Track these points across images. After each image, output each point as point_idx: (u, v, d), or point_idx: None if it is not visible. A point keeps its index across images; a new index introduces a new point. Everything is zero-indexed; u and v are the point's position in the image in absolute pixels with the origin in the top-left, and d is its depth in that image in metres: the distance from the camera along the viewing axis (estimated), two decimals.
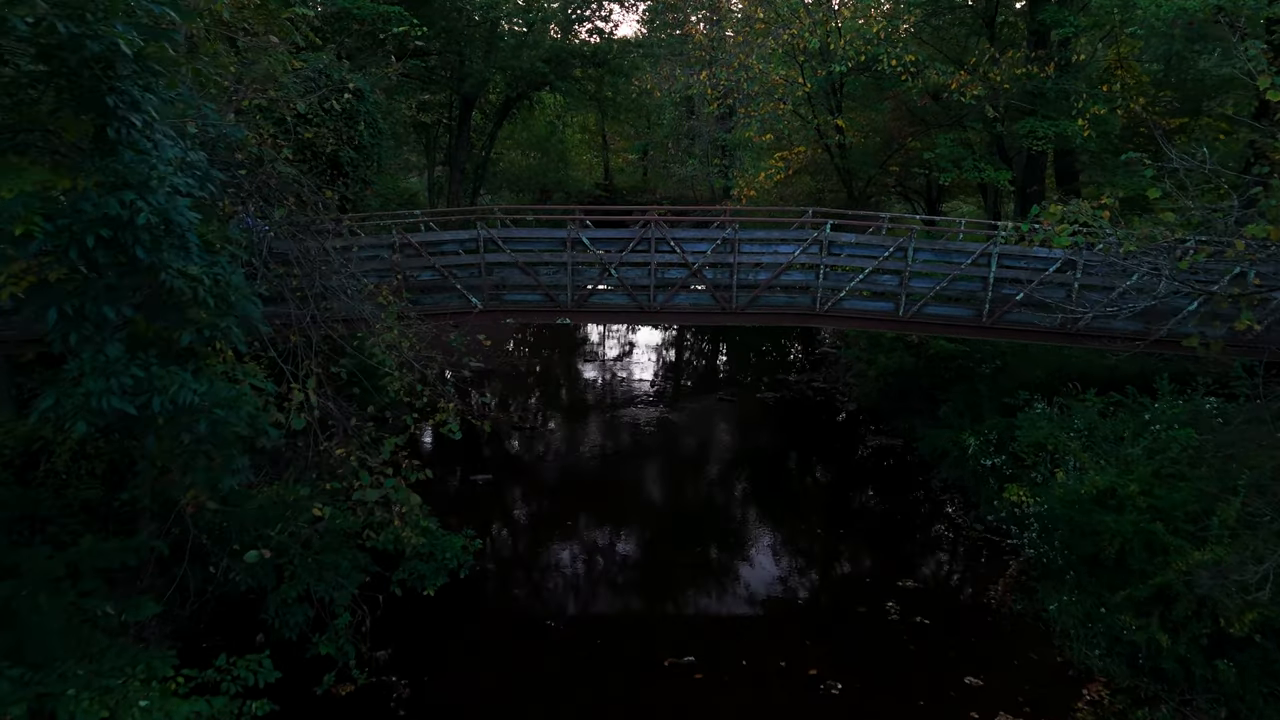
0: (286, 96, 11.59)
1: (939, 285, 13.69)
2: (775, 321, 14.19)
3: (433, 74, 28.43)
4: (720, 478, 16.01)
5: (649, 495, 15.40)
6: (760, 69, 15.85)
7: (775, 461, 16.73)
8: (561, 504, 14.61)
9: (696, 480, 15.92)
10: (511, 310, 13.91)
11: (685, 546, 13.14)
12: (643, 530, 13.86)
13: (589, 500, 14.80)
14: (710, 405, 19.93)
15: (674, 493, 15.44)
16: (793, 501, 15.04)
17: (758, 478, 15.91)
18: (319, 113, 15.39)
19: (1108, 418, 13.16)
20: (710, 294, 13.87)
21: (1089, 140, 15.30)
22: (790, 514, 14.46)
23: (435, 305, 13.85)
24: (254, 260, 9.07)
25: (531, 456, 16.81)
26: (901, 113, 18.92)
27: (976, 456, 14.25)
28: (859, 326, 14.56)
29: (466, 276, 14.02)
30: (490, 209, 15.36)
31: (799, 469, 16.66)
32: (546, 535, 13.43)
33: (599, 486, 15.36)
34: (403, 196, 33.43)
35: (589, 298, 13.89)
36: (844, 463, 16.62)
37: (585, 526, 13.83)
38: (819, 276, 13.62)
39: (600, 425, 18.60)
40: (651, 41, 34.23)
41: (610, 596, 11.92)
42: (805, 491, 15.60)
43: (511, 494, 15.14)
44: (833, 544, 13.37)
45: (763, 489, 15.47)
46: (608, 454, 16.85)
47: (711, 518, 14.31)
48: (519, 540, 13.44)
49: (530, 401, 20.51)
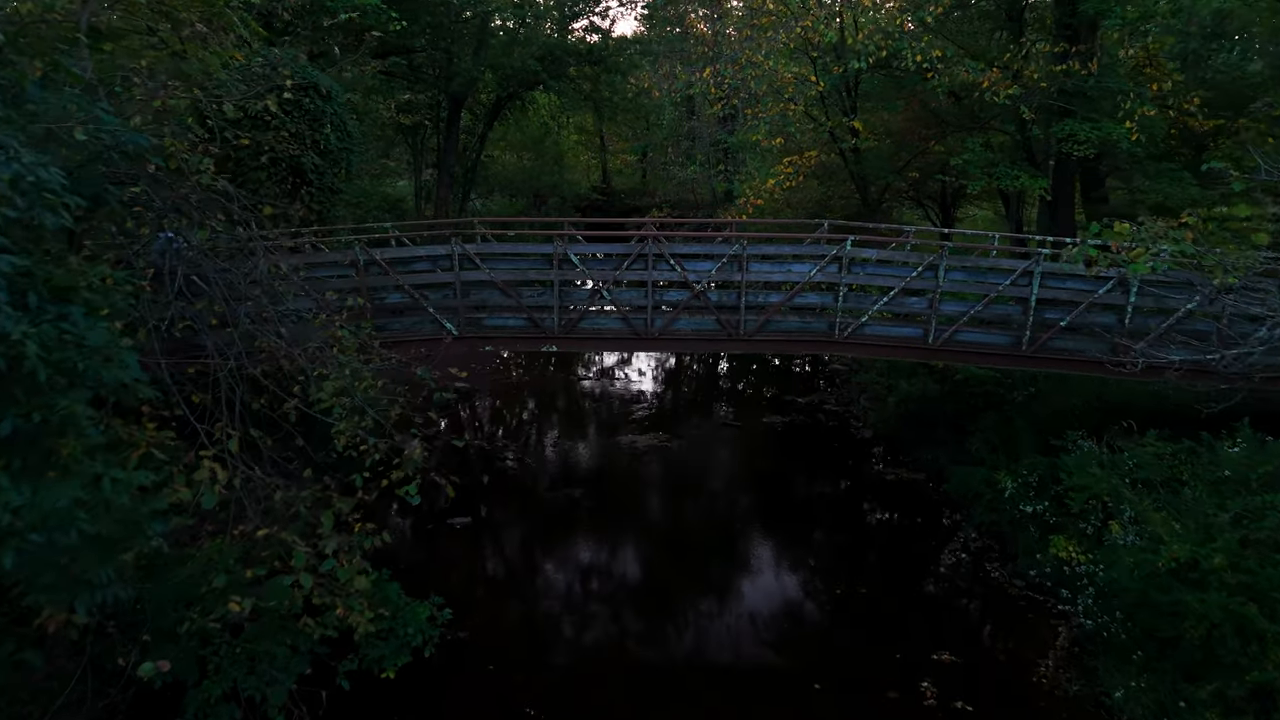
0: (224, 95, 10.03)
1: (973, 308, 12.13)
2: (788, 349, 12.63)
3: (418, 72, 26.86)
4: (724, 520, 14.42)
5: (646, 543, 13.81)
6: (770, 66, 14.33)
7: (785, 502, 15.14)
8: (548, 553, 13.04)
9: (698, 525, 14.32)
10: (491, 337, 12.33)
11: (685, 608, 11.57)
12: (639, 585, 12.30)
13: (579, 548, 13.24)
14: (712, 431, 18.35)
15: (673, 540, 13.83)
16: (806, 552, 13.47)
17: (766, 523, 14.32)
18: (279, 114, 13.84)
19: (1165, 459, 11.62)
20: (715, 318, 12.31)
21: (1136, 144, 13.72)
22: (804, 568, 12.90)
23: (404, 331, 12.29)
24: (165, 293, 7.50)
25: (516, 493, 15.22)
26: (920, 114, 17.36)
27: (1014, 500, 12.69)
28: (882, 355, 13.01)
29: (440, 298, 12.46)
30: (469, 221, 13.80)
31: (812, 511, 15.05)
32: (531, 593, 11.85)
33: (591, 533, 13.77)
34: (388, 202, 31.93)
35: (579, 322, 12.33)
36: (861, 502, 15.02)
37: (574, 581, 12.26)
38: (838, 299, 12.05)
39: (593, 456, 17.02)
40: (650, 39, 32.73)
41: (601, 672, 10.34)
42: (820, 538, 13.99)
43: (492, 542, 13.56)
44: (854, 605, 11.77)
45: (772, 537, 13.88)
46: (601, 491, 15.26)
47: (715, 571, 12.72)
48: (499, 601, 11.82)
49: (516, 426, 18.93)
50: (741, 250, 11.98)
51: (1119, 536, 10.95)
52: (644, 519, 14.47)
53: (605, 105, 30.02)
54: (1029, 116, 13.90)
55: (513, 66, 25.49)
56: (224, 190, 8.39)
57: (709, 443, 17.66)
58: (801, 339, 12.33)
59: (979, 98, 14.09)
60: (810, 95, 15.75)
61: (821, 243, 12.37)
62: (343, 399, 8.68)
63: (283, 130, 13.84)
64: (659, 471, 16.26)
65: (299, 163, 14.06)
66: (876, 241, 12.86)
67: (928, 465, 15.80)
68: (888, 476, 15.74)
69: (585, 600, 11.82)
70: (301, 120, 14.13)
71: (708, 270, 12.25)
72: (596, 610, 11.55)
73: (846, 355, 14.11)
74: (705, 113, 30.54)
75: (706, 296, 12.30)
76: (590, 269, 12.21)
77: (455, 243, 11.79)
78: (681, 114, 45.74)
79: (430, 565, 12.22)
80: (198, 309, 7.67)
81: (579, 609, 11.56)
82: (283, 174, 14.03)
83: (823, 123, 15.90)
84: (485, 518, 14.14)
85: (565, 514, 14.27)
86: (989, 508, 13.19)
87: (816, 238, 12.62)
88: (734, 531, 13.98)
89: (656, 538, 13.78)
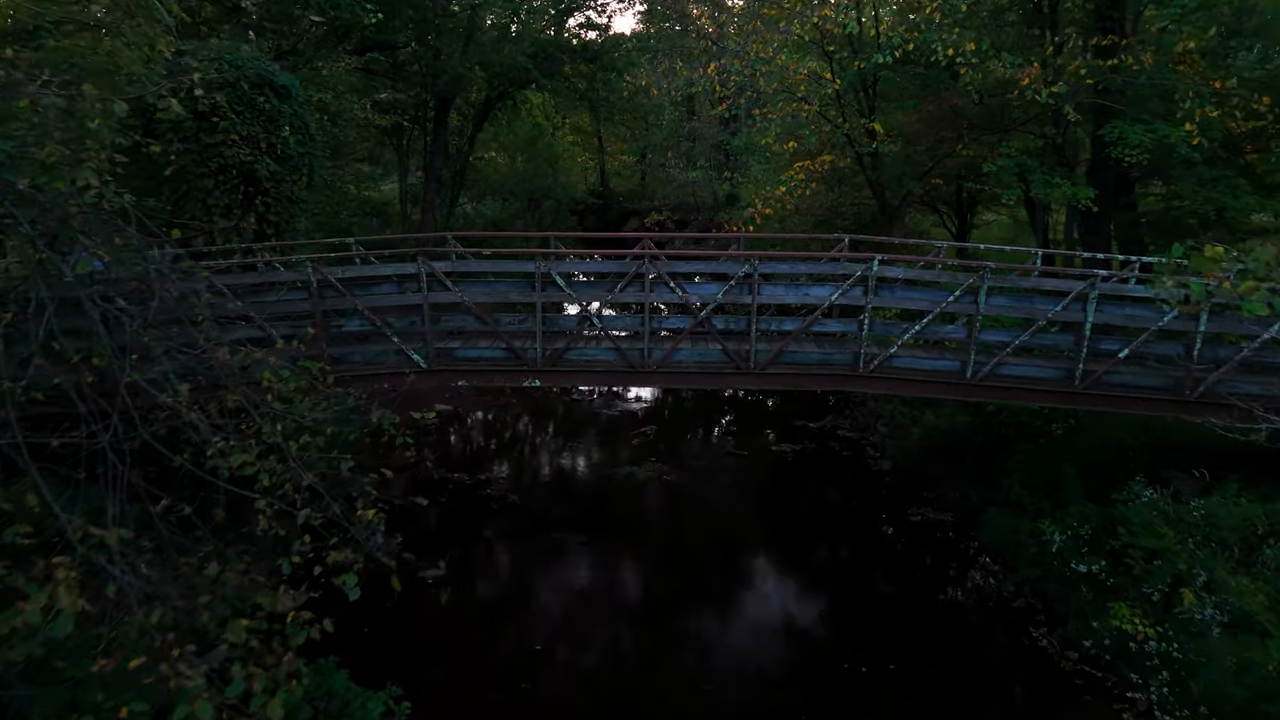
0: (137, 92, 8.46)
1: (1018, 337, 10.54)
2: (805, 384, 11.03)
3: (402, 70, 25.30)
4: (729, 572, 12.83)
5: (642, 602, 12.23)
6: (782, 61, 12.78)
7: (798, 550, 13.55)
8: (531, 615, 11.46)
9: (699, 580, 12.67)
10: (464, 370, 10.74)
11: (682, 685, 9.99)
12: (635, 658, 10.73)
13: (566, 605, 11.67)
14: (716, 461, 16.77)
15: (671, 597, 12.22)
16: (823, 610, 11.89)
17: (779, 576, 12.76)
18: (229, 115, 12.27)
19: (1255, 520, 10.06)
20: (721, 347, 10.72)
21: (1195, 148, 12.15)
22: (821, 628, 11.33)
23: (365, 364, 10.71)
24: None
25: (497, 536, 13.64)
26: (943, 115, 15.78)
27: (1063, 555, 11.11)
28: (914, 392, 11.42)
29: (407, 325, 10.89)
30: (443, 235, 12.23)
31: (828, 560, 13.46)
32: (508, 669, 10.26)
33: (580, 587, 12.19)
34: (373, 207, 30.36)
35: (565, 353, 10.74)
36: (883, 547, 13.42)
37: (561, 648, 10.70)
38: (863, 327, 10.46)
39: (584, 490, 15.45)
40: (648, 35, 31.14)
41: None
42: (838, 593, 12.37)
43: (467, 600, 11.96)
44: (879, 675, 10.17)
45: (784, 593, 12.32)
46: (592, 534, 13.68)
47: (717, 636, 11.15)
48: (470, 681, 10.22)
49: (500, 452, 17.35)
50: (752, 269, 10.39)
51: (1194, 609, 9.39)
52: (639, 571, 12.88)
53: (601, 105, 28.43)
54: (1074, 117, 12.31)
55: (503, 64, 23.91)
56: (121, 209, 6.79)
57: (712, 475, 16.08)
58: (821, 373, 10.74)
59: (1016, 96, 12.50)
60: (826, 94, 14.17)
61: (841, 260, 10.79)
62: (269, 465, 7.11)
63: (232, 133, 12.26)
64: (657, 510, 14.69)
65: (252, 169, 12.49)
66: (902, 257, 11.30)
67: (956, 505, 14.22)
68: (912, 517, 14.15)
69: (572, 674, 10.25)
70: (255, 121, 12.56)
71: (713, 293, 10.67)
72: (585, 687, 9.97)
73: (873, 391, 12.49)
74: (708, 113, 28.97)
75: (712, 323, 10.71)
76: (579, 291, 10.63)
77: (421, 262, 10.20)
78: (681, 114, 44.21)
79: (391, 636, 10.63)
80: (73, 362, 6.08)
81: (565, 687, 9.97)
82: (233, 182, 12.46)
83: (839, 124, 14.29)
84: (461, 567, 12.56)
85: (552, 563, 12.69)
86: (1030, 561, 11.60)
87: (835, 256, 11.04)
88: (741, 585, 12.40)
89: (654, 595, 12.19)
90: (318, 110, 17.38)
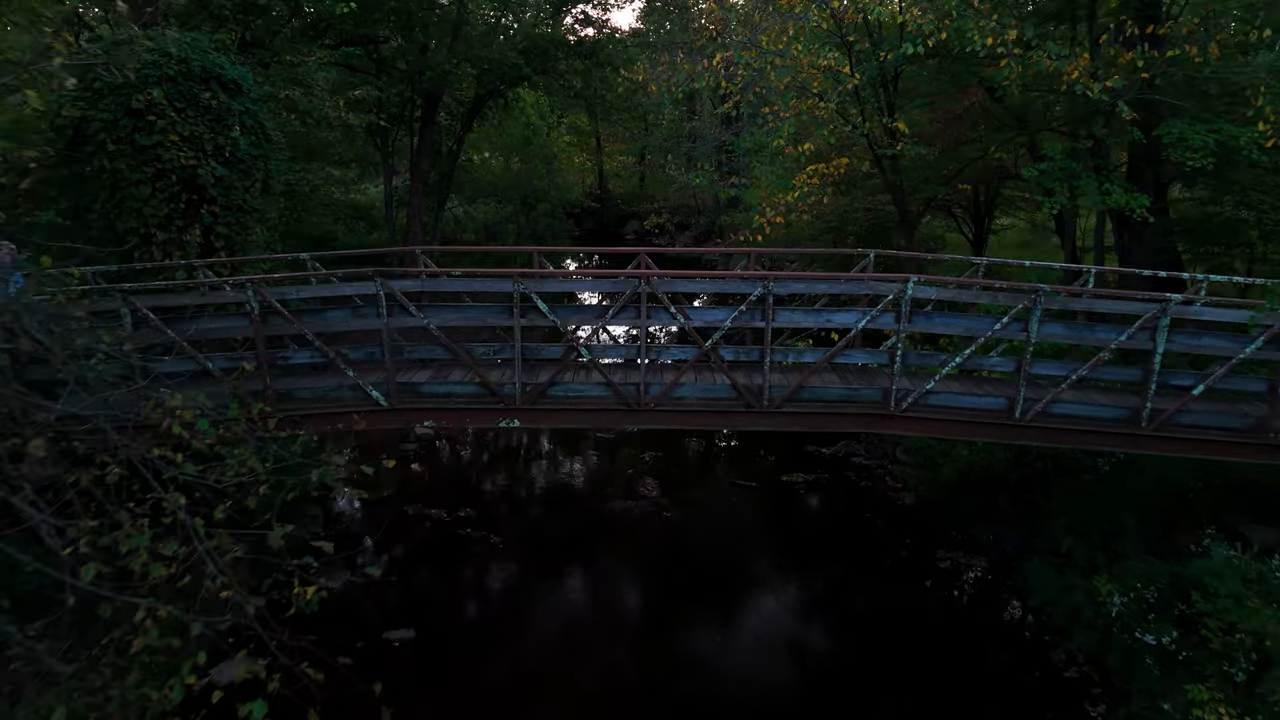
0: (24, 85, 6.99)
1: (1076, 371, 9.07)
2: (827, 425, 9.54)
3: (386, 66, 23.85)
4: (730, 626, 11.33)
5: (635, 658, 10.74)
6: (798, 51, 11.29)
7: (812, 597, 12.06)
8: (511, 687, 9.96)
9: (701, 638, 11.18)
10: (431, 409, 9.24)
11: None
12: None
13: (552, 669, 10.17)
14: (720, 493, 15.29)
15: (666, 654, 10.73)
16: (843, 674, 10.37)
17: (789, 627, 11.27)
18: (169, 113, 10.81)
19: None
20: (729, 381, 9.23)
21: (1267, 151, 10.68)
22: (843, 696, 9.82)
23: (315, 401, 9.22)
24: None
25: (475, 588, 12.15)
26: (970, 113, 14.31)
27: (1124, 621, 9.63)
28: (954, 434, 9.92)
29: (364, 356, 9.41)
30: (410, 251, 10.76)
31: (846, 611, 11.93)
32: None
33: (568, 649, 10.70)
34: (358, 211, 28.92)
35: (549, 387, 9.26)
36: (909, 599, 11.89)
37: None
38: (895, 359, 8.97)
39: (574, 529, 13.94)
40: (647, 30, 29.67)
41: None
42: (861, 653, 10.87)
43: (440, 668, 10.45)
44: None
45: (796, 649, 10.84)
46: (583, 582, 12.22)
47: (716, 712, 9.65)
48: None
49: (483, 483, 15.86)
50: (765, 291, 8.89)
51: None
52: (635, 629, 11.38)
53: (598, 104, 26.96)
54: (1129, 116, 10.81)
55: (491, 59, 22.44)
56: None
57: (716, 510, 14.60)
58: (846, 412, 9.25)
59: (1061, 91, 11.00)
60: (845, 90, 12.69)
61: (867, 280, 9.32)
62: (168, 549, 5.64)
63: (171, 134, 10.78)
64: (655, 554, 13.17)
65: (195, 175, 11.01)
66: (943, 279, 9.84)
67: (989, 548, 12.74)
68: (940, 562, 12.65)
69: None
70: (199, 120, 11.09)
71: (720, 319, 9.19)
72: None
73: (906, 433, 11.00)
74: (714, 111, 27.45)
75: (719, 353, 9.23)
76: (563, 316, 9.15)
77: (379, 282, 8.71)
78: (682, 114, 42.77)
79: (351, 711, 9.12)
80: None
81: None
82: (173, 189, 10.98)
83: (860, 125, 12.76)
84: (435, 625, 11.05)
85: (537, 618, 11.20)
86: (1087, 625, 10.10)
87: (857, 276, 9.57)
88: (746, 643, 10.91)
89: (650, 657, 10.68)
90: (286, 109, 15.88)
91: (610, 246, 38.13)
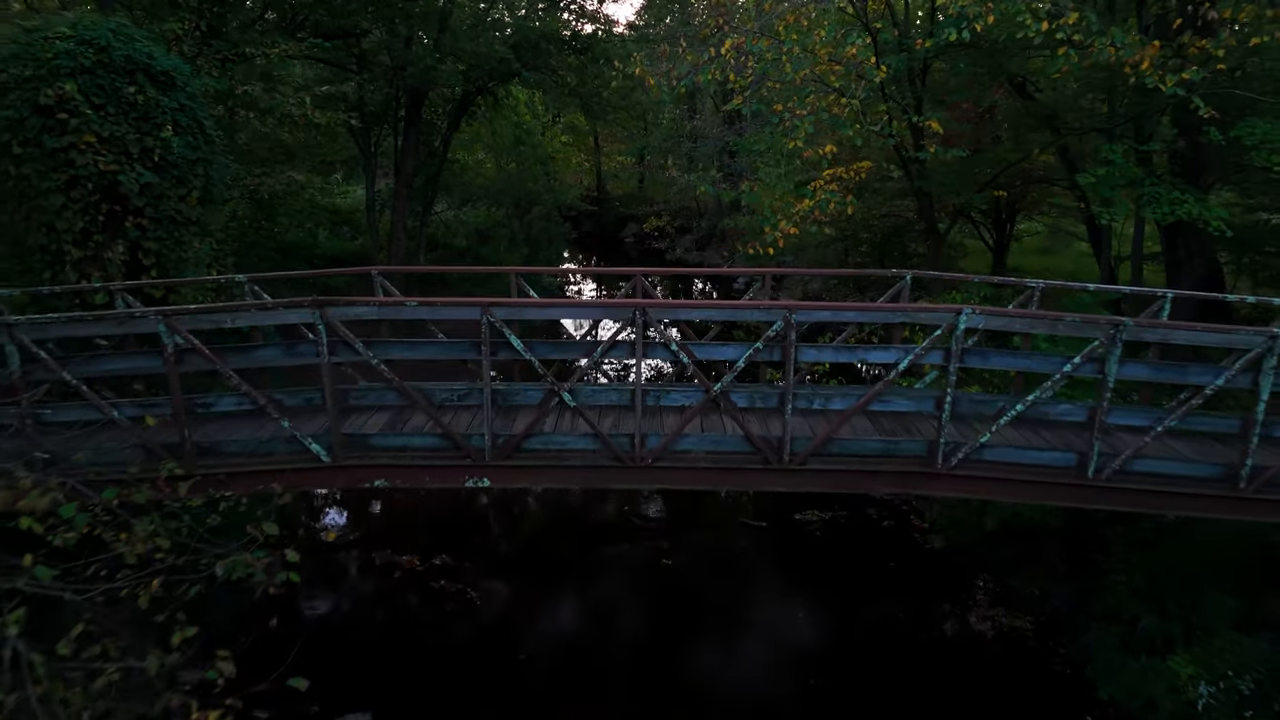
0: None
1: (1162, 419, 7.50)
2: (861, 485, 7.97)
3: (366, 60, 22.27)
4: (737, 701, 9.75)
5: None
6: (822, 36, 9.75)
7: (835, 667, 10.47)
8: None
9: (700, 701, 9.62)
10: (382, 465, 7.66)
11: None
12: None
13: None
14: (727, 537, 13.71)
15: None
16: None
17: (806, 702, 9.68)
18: (83, 110, 9.25)
19: None
20: (742, 433, 7.66)
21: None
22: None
23: (243, 457, 7.65)
24: None
25: (450, 657, 10.56)
26: (988, 113, 12.71)
27: (1211, 717, 8.07)
28: (1014, 497, 8.31)
29: (302, 402, 7.86)
30: (367, 271, 9.21)
31: (875, 683, 10.35)
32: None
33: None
34: (339, 216, 27.39)
35: (524, 441, 7.69)
36: (947, 668, 10.30)
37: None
38: (944, 406, 7.40)
39: (564, 582, 12.36)
40: (646, 24, 28.13)
41: None
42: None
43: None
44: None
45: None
46: (574, 646, 10.64)
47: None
48: None
49: (462, 530, 14.25)
50: (785, 321, 7.29)
51: None
52: (627, 698, 9.80)
53: (593, 101, 25.38)
54: (1207, 113, 9.23)
55: (478, 54, 20.87)
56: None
57: (723, 558, 13.02)
58: (884, 469, 7.66)
59: (1130, 84, 9.44)
60: (871, 84, 11.11)
61: (909, 309, 7.76)
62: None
63: (87, 134, 9.21)
64: (655, 610, 11.59)
65: (115, 182, 9.44)
66: (1000, 311, 8.27)
67: (1036, 607, 11.17)
68: (979, 625, 11.09)
69: None
70: (122, 119, 9.51)
71: (732, 357, 7.63)
72: None
73: (954, 495, 9.40)
74: (718, 110, 25.88)
75: (730, 399, 7.67)
76: (540, 353, 7.59)
77: (315, 311, 7.13)
78: (682, 113, 41.22)
79: None
80: None
81: None
82: (90, 199, 9.41)
83: (886, 124, 11.17)
84: (403, 710, 9.48)
85: (521, 696, 9.63)
86: (1169, 718, 8.53)
87: (896, 307, 8.01)
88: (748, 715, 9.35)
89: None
90: (245, 106, 14.32)
91: (606, 267, 36.67)
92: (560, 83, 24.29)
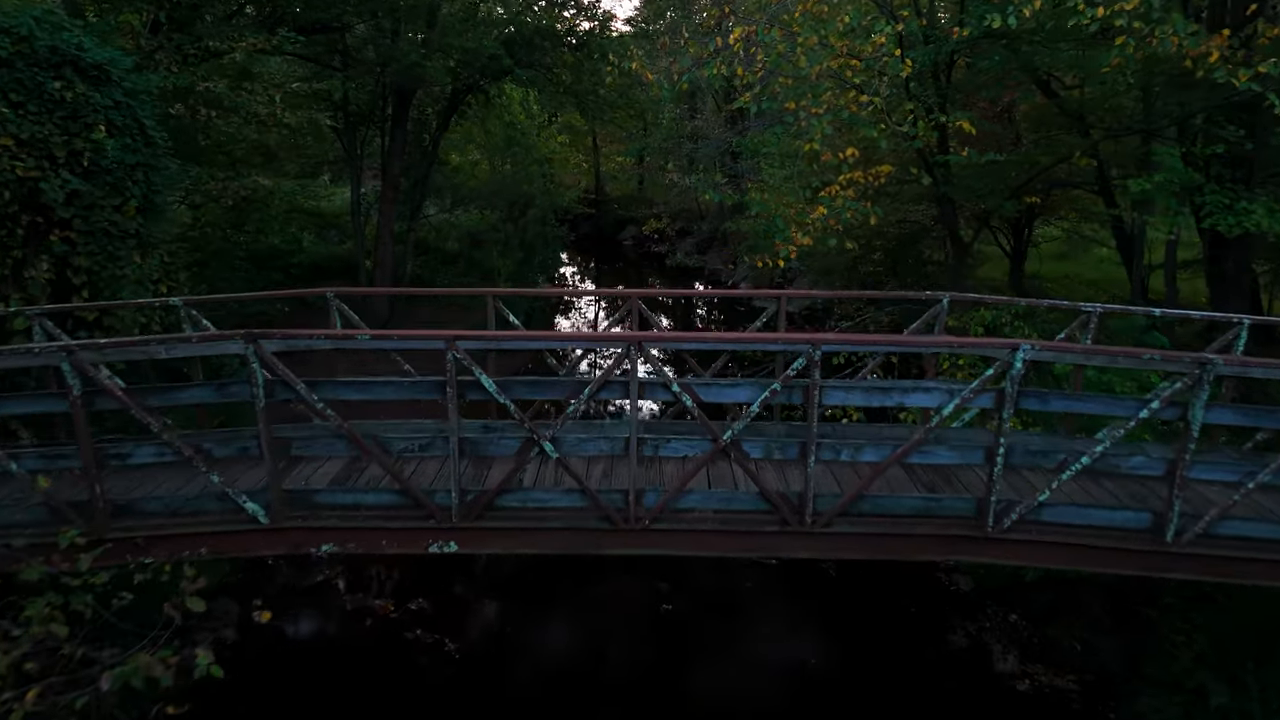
0: None
1: (1253, 473, 6.32)
2: (898, 550, 6.75)
3: (350, 57, 21.11)
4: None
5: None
6: (846, 22, 8.60)
7: None
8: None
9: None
10: (331, 528, 6.48)
11: None
12: None
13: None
14: (730, 577, 12.54)
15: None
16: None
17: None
18: (0, 110, 8.10)
19: None
20: (758, 490, 6.48)
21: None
22: None
23: (165, 517, 6.47)
24: None
25: (435, 709, 9.39)
26: (1046, 111, 11.54)
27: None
28: (1076, 564, 7.08)
29: (234, 451, 6.69)
30: (320, 292, 8.04)
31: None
32: None
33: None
34: (324, 220, 26.23)
35: (497, 497, 6.51)
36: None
37: None
38: (996, 459, 6.21)
39: (554, 634, 11.19)
40: (646, 24, 26.98)
41: None
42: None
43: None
44: None
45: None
46: (562, 694, 9.47)
47: None
48: None
49: (431, 574, 13.05)
50: (808, 358, 6.12)
51: None
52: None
53: (590, 100, 24.21)
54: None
55: (467, 49, 19.70)
56: None
57: (725, 602, 11.87)
58: (921, 532, 6.48)
59: (1200, 77, 8.26)
60: (896, 79, 9.96)
61: (953, 343, 6.59)
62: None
63: (3, 136, 8.05)
64: (656, 666, 10.43)
65: (37, 191, 8.26)
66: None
67: (1081, 664, 9.99)
68: (1015, 681, 9.90)
69: None
70: (45, 119, 8.34)
71: (745, 399, 6.46)
72: None
73: (1008, 564, 8.19)
74: (720, 109, 24.75)
75: (742, 448, 6.49)
76: (515, 393, 6.42)
77: (247, 344, 5.94)
78: (683, 112, 40.09)
79: None
80: None
81: None
82: (8, 210, 8.24)
83: (908, 125, 9.99)
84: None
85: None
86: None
87: (936, 340, 6.83)
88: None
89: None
90: (206, 104, 13.13)
91: (600, 289, 35.62)
92: (555, 80, 23.12)
